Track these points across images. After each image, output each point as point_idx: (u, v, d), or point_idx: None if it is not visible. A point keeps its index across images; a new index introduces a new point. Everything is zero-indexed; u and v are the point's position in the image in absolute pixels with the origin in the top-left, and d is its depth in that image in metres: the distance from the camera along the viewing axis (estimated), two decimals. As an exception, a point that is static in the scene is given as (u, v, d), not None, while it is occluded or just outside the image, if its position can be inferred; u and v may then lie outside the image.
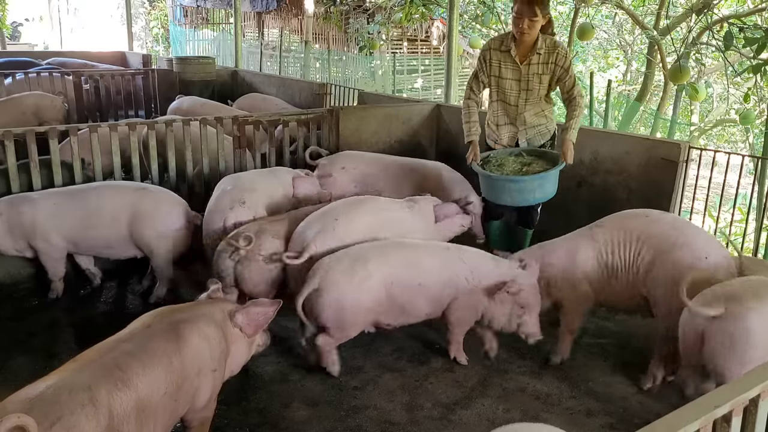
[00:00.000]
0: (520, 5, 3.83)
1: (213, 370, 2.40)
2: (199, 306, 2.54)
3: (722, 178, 4.33)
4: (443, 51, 14.28)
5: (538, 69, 3.98)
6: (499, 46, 4.04)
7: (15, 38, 22.35)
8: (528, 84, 4.03)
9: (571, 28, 10.43)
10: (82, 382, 1.95)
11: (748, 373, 1.61)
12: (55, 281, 4.06)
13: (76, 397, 1.88)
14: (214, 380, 2.42)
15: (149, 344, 2.19)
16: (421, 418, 2.95)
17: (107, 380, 1.99)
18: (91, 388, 1.93)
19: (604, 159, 4.68)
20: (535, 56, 3.95)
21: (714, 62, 10.95)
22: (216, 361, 2.41)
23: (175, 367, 2.21)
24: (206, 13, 18.61)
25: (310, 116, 5.44)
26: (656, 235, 3.13)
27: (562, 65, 3.95)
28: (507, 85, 4.08)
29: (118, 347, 2.15)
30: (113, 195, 3.95)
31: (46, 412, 1.81)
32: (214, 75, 9.13)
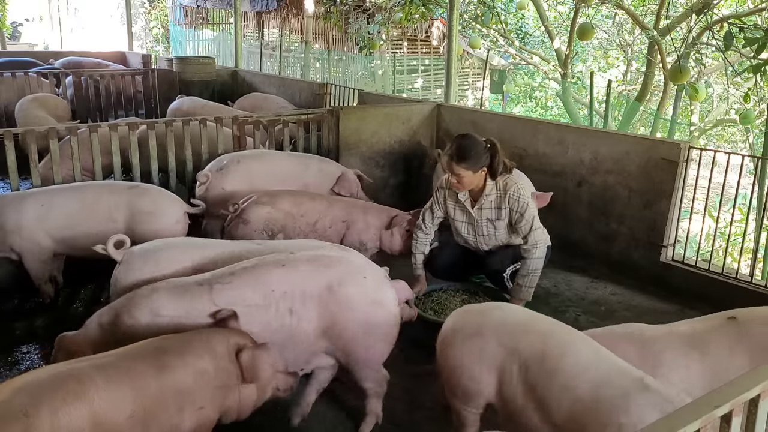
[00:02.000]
0: (445, 159, 3.46)
1: (199, 407, 2.14)
2: (199, 334, 2.30)
3: (722, 178, 4.32)
4: (443, 51, 14.28)
5: (491, 214, 3.58)
6: (445, 189, 3.70)
7: (15, 38, 22.35)
8: (482, 229, 3.66)
9: (571, 28, 10.44)
10: (21, 401, 1.79)
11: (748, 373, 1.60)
12: (41, 285, 3.90)
13: (9, 426, 1.73)
14: (199, 418, 2.15)
15: (127, 362, 2.05)
16: (421, 418, 2.95)
17: (54, 397, 1.83)
18: (28, 412, 1.77)
19: (604, 159, 4.68)
20: (486, 201, 3.56)
21: (714, 62, 10.95)
22: (206, 398, 2.16)
23: (151, 393, 2.03)
24: (206, 13, 18.60)
25: (310, 116, 5.44)
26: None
27: (516, 209, 3.49)
28: (462, 228, 3.73)
29: (92, 359, 2.04)
30: (109, 193, 3.87)
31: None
32: (214, 75, 9.14)
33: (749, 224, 6.11)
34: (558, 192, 4.90)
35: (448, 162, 3.44)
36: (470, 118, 5.74)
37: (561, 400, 2.06)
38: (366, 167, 5.59)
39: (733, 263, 6.63)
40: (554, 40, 11.44)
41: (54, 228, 3.74)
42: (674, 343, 2.40)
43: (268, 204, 3.88)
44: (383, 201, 4.81)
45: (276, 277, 2.55)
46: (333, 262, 2.65)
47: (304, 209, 3.96)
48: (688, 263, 4.34)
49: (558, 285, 4.48)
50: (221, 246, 3.11)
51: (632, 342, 2.42)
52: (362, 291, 2.59)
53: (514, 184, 3.52)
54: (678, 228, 4.51)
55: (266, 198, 3.93)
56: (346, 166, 5.44)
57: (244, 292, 2.51)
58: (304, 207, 3.97)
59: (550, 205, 4.18)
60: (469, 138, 3.48)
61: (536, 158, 5.10)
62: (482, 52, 13.84)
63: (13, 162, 4.25)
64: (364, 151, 5.56)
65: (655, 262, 4.43)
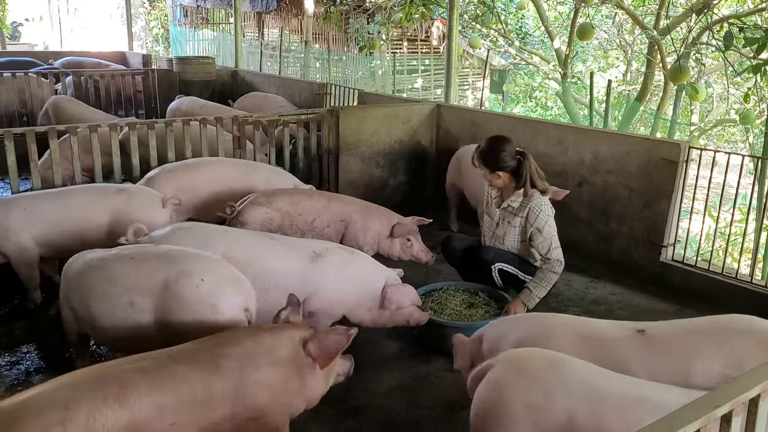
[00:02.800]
0: (474, 158, 3.70)
1: (284, 404, 2.21)
2: (262, 338, 2.28)
3: (722, 178, 4.32)
4: (443, 51, 14.28)
5: (510, 218, 3.72)
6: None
7: (15, 38, 22.35)
8: (498, 229, 3.79)
9: (571, 28, 10.44)
10: (60, 398, 1.83)
11: (748, 373, 1.60)
12: (30, 290, 3.84)
13: (43, 418, 1.77)
14: (284, 415, 2.23)
15: (174, 366, 2.04)
16: (421, 418, 2.95)
17: (95, 396, 1.86)
18: (69, 407, 1.81)
19: (605, 159, 4.68)
20: (509, 206, 3.72)
21: (714, 62, 10.95)
22: (279, 402, 2.19)
23: (200, 401, 2.01)
24: (206, 13, 18.60)
25: (310, 116, 5.44)
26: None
27: (533, 224, 3.61)
28: (485, 222, 3.91)
29: (138, 362, 2.04)
30: (95, 197, 3.80)
31: (10, 418, 1.73)
32: (214, 75, 9.14)
33: (749, 224, 6.11)
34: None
35: (472, 155, 3.68)
36: (470, 118, 5.74)
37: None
38: (366, 167, 5.59)
39: (733, 263, 6.63)
40: (554, 40, 11.43)
41: (39, 233, 3.66)
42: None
43: (264, 204, 3.87)
44: (383, 201, 4.80)
45: (120, 270, 2.68)
46: (179, 259, 2.69)
47: (301, 208, 3.94)
48: (688, 263, 4.34)
49: (558, 285, 4.45)
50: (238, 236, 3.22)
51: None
52: (195, 293, 2.59)
53: (540, 201, 3.63)
54: (678, 228, 4.51)
55: (263, 198, 3.93)
56: (346, 165, 5.46)
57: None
58: (301, 206, 3.95)
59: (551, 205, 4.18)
60: (498, 140, 3.66)
61: (536, 158, 5.02)
62: (482, 52, 13.83)
63: (13, 162, 4.25)
64: (364, 151, 5.56)
65: (655, 262, 4.43)
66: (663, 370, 2.15)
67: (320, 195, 4.19)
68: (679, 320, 2.45)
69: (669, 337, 2.25)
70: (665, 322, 2.42)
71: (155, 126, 4.81)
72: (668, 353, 2.19)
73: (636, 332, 2.26)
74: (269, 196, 3.96)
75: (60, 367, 3.29)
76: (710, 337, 2.22)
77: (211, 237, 3.12)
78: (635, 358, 2.19)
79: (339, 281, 3.14)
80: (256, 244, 3.16)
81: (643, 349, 2.20)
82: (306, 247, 3.22)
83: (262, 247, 3.14)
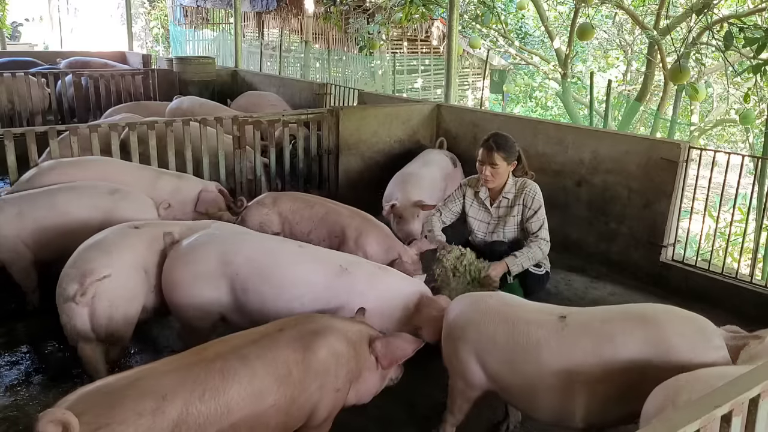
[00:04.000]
0: (481, 151, 3.69)
1: (336, 389, 2.30)
2: (336, 319, 2.46)
3: (722, 178, 4.32)
4: (443, 51, 14.28)
5: (506, 212, 3.80)
6: (474, 185, 3.91)
7: (15, 38, 22.35)
8: (495, 227, 3.86)
9: (571, 28, 10.44)
10: (163, 386, 1.89)
11: (747, 373, 1.60)
12: (28, 293, 3.72)
13: (138, 405, 1.81)
14: (335, 400, 2.32)
15: (271, 352, 2.14)
16: (421, 418, 2.95)
17: (194, 390, 1.92)
18: (166, 397, 1.86)
19: (604, 159, 4.68)
20: (503, 200, 3.80)
21: (714, 62, 10.95)
22: (341, 380, 2.31)
23: (294, 379, 2.15)
24: (206, 13, 18.60)
25: (310, 116, 5.44)
26: None
27: (530, 206, 3.72)
28: (475, 225, 3.92)
29: (237, 350, 2.10)
30: (88, 199, 3.71)
31: (98, 414, 1.76)
32: (214, 75, 9.14)
33: (749, 224, 6.11)
34: (558, 192, 4.91)
35: (487, 152, 3.65)
36: (470, 118, 5.74)
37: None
38: (366, 167, 5.59)
39: (733, 263, 6.63)
40: (554, 40, 11.43)
41: (29, 236, 3.55)
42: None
43: (267, 206, 3.85)
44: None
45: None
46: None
47: (299, 217, 3.84)
48: (688, 263, 4.34)
49: (557, 285, 4.48)
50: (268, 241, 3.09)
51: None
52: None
53: (532, 184, 3.78)
54: (678, 228, 4.51)
55: (269, 199, 3.90)
56: (346, 165, 5.46)
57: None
58: (299, 215, 3.84)
59: (551, 204, 4.19)
60: (503, 134, 3.74)
61: (536, 158, 5.09)
62: (482, 52, 13.84)
63: (13, 162, 4.25)
64: (364, 151, 5.56)
65: (654, 262, 4.43)
66: (574, 355, 2.31)
67: (323, 205, 3.96)
68: (598, 308, 2.55)
69: (584, 324, 2.39)
70: (587, 309, 2.54)
71: (155, 126, 4.81)
72: (579, 339, 2.33)
73: (558, 318, 2.41)
74: (276, 198, 3.90)
75: (60, 367, 3.30)
76: (621, 326, 2.33)
77: (238, 240, 3.00)
78: (546, 341, 2.35)
79: (369, 297, 2.92)
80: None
81: (557, 334, 2.35)
82: (334, 259, 3.04)
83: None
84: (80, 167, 4.10)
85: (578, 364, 2.28)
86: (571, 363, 2.29)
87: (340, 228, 3.77)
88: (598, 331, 2.33)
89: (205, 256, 2.87)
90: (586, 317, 2.43)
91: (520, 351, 2.37)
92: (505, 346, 2.40)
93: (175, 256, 2.92)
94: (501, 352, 2.41)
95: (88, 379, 3.18)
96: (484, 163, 3.68)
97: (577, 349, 2.30)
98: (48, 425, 1.66)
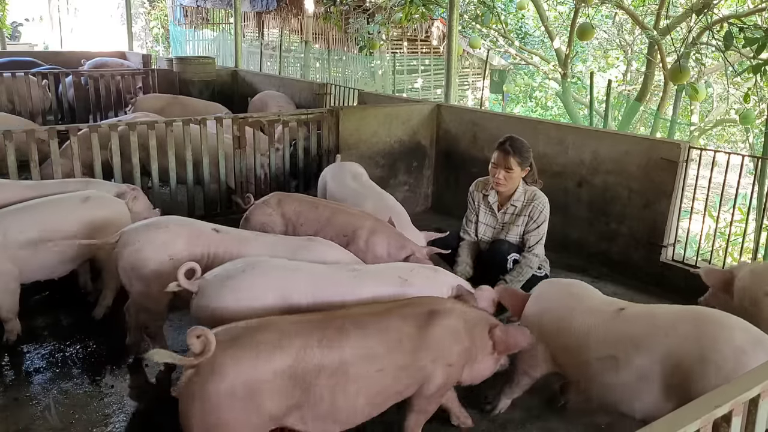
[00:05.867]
0: (496, 154, 3.68)
1: (449, 364, 2.44)
2: (459, 304, 2.62)
3: (722, 178, 4.32)
4: (443, 51, 14.28)
5: (512, 219, 3.83)
6: (481, 189, 3.92)
7: (15, 38, 22.35)
8: (501, 231, 3.87)
9: (571, 28, 10.44)
10: (285, 326, 2.14)
11: (748, 373, 1.60)
12: (11, 320, 3.42)
13: (264, 336, 2.08)
14: (447, 374, 2.45)
15: (385, 322, 2.32)
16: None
17: (311, 335, 2.14)
18: (287, 336, 2.11)
19: (604, 159, 4.68)
20: (511, 207, 3.82)
21: (714, 62, 10.96)
22: (454, 357, 2.45)
23: (404, 349, 2.31)
24: (206, 13, 18.61)
25: (310, 116, 5.44)
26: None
27: (535, 219, 3.75)
28: (482, 230, 3.95)
29: (357, 316, 2.32)
30: (65, 209, 3.54)
31: (233, 337, 2.06)
32: (214, 75, 9.14)
33: (749, 224, 6.11)
34: (558, 192, 4.91)
35: (503, 156, 3.65)
36: (470, 118, 5.74)
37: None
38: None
39: (733, 263, 6.62)
40: (554, 40, 11.43)
41: (14, 254, 3.33)
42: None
43: (271, 206, 3.83)
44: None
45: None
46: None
47: (304, 219, 3.76)
48: (688, 263, 4.33)
49: (558, 285, 4.47)
50: (310, 270, 2.80)
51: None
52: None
53: (541, 197, 3.79)
54: (678, 228, 4.51)
55: (274, 200, 3.87)
56: (346, 166, 5.44)
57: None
58: (304, 217, 3.76)
59: (551, 205, 4.19)
60: (519, 138, 3.75)
61: (536, 158, 5.04)
62: (482, 52, 13.84)
63: (13, 162, 4.25)
64: (364, 151, 5.56)
65: (655, 262, 4.43)
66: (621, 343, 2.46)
67: (326, 206, 3.87)
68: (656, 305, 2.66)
69: (644, 313, 2.53)
70: (644, 305, 2.67)
71: (155, 126, 4.81)
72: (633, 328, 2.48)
73: (618, 310, 2.56)
74: (281, 199, 3.85)
75: (60, 367, 3.30)
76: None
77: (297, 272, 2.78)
78: (604, 328, 2.53)
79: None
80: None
81: (614, 322, 2.53)
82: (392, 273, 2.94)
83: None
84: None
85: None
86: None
87: (351, 228, 3.67)
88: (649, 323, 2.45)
89: (261, 291, 2.61)
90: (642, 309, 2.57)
91: (577, 338, 2.55)
92: (568, 332, 2.59)
93: (203, 290, 2.63)
94: (564, 338, 2.60)
95: (88, 379, 3.20)
96: (499, 167, 3.66)
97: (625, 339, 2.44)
98: (193, 339, 1.97)
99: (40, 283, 3.77)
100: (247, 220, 3.76)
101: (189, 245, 3.01)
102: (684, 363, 2.28)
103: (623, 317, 2.51)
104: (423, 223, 4.76)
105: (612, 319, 2.53)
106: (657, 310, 2.54)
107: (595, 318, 2.56)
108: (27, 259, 3.38)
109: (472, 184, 4.05)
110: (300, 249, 3.08)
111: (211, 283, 2.60)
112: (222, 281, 2.59)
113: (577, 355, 2.57)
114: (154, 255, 2.96)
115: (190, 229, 3.08)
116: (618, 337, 2.45)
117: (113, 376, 3.23)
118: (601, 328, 2.52)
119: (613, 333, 2.48)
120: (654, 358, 2.34)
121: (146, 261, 2.97)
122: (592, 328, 2.53)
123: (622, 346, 2.42)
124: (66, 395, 3.05)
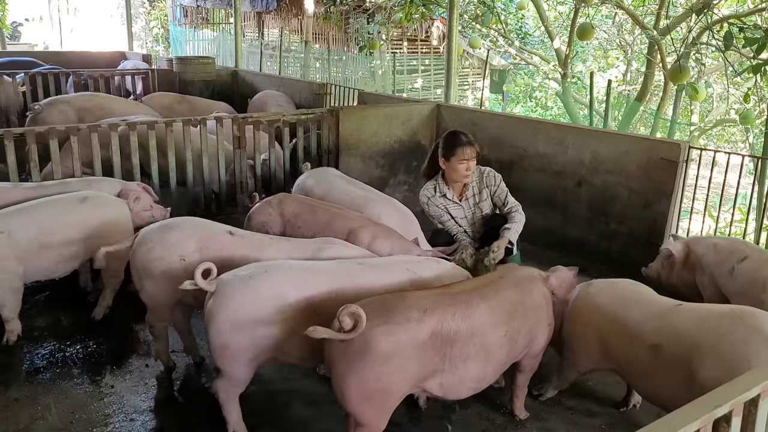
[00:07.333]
0: (465, 150, 3.86)
1: (549, 323, 2.78)
2: (532, 269, 2.89)
3: (722, 178, 4.33)
4: (443, 51, 14.28)
5: (476, 199, 4.09)
6: (437, 193, 4.07)
7: (15, 38, 22.35)
8: (473, 215, 4.13)
9: (571, 28, 10.44)
10: (424, 303, 2.37)
11: (748, 373, 1.60)
12: (13, 320, 3.43)
13: (408, 313, 2.32)
14: (548, 332, 2.78)
15: (501, 293, 2.60)
16: (421, 418, 2.95)
17: (446, 310, 2.39)
18: (426, 311, 2.35)
19: (604, 159, 4.68)
20: (470, 191, 4.08)
21: (714, 62, 10.95)
22: (551, 316, 2.79)
23: (519, 315, 2.60)
24: (206, 13, 18.60)
25: (310, 116, 5.44)
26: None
27: (495, 183, 4.05)
28: (461, 223, 4.14)
29: (477, 290, 2.57)
30: (65, 210, 3.56)
31: (379, 315, 2.27)
32: (214, 75, 9.13)
33: (749, 224, 6.11)
34: (558, 192, 4.91)
35: (469, 148, 3.88)
36: (470, 118, 5.74)
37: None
38: (366, 167, 5.59)
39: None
40: (554, 40, 11.44)
41: (22, 254, 3.35)
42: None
43: (272, 206, 3.82)
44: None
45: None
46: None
47: (301, 221, 3.72)
48: (688, 263, 4.33)
49: (558, 285, 4.47)
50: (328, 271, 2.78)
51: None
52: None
53: (485, 168, 4.10)
54: (678, 228, 4.51)
55: (276, 200, 3.85)
56: (347, 166, 5.45)
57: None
58: (301, 219, 3.72)
59: (550, 204, 4.19)
60: (458, 131, 4.03)
61: (536, 158, 5.10)
62: (482, 52, 13.84)
63: (13, 162, 4.25)
64: (364, 151, 5.56)
65: (655, 262, 4.43)
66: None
67: (326, 210, 3.80)
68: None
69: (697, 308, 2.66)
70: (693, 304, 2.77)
71: (155, 126, 4.81)
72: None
73: (675, 306, 2.70)
74: (282, 200, 3.84)
75: (60, 367, 3.30)
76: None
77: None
78: (667, 324, 2.62)
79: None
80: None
81: (673, 319, 2.63)
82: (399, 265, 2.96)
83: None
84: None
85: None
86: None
87: (352, 234, 3.58)
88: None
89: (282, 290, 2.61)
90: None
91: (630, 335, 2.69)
92: (623, 329, 2.73)
93: (221, 291, 2.62)
94: (619, 335, 2.74)
95: (88, 379, 3.20)
96: (469, 159, 3.89)
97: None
98: (345, 316, 2.17)
99: (40, 283, 3.78)
100: (249, 219, 3.76)
101: (201, 246, 2.99)
102: (719, 356, 2.36)
103: (678, 311, 2.64)
104: (423, 223, 4.76)
105: (669, 312, 2.66)
106: (709, 307, 2.66)
107: (655, 308, 2.70)
108: (31, 258, 3.40)
109: (423, 197, 4.10)
110: (318, 252, 3.07)
111: (231, 282, 2.58)
112: (243, 281, 2.58)
113: (630, 344, 2.68)
114: (165, 255, 2.96)
115: (202, 231, 3.07)
116: (670, 329, 2.58)
117: (113, 376, 3.23)
118: (657, 319, 2.65)
119: (668, 324, 2.60)
120: (695, 351, 2.43)
121: (156, 261, 2.96)
122: (649, 317, 2.67)
123: (673, 337, 2.54)
124: (66, 395, 3.05)
